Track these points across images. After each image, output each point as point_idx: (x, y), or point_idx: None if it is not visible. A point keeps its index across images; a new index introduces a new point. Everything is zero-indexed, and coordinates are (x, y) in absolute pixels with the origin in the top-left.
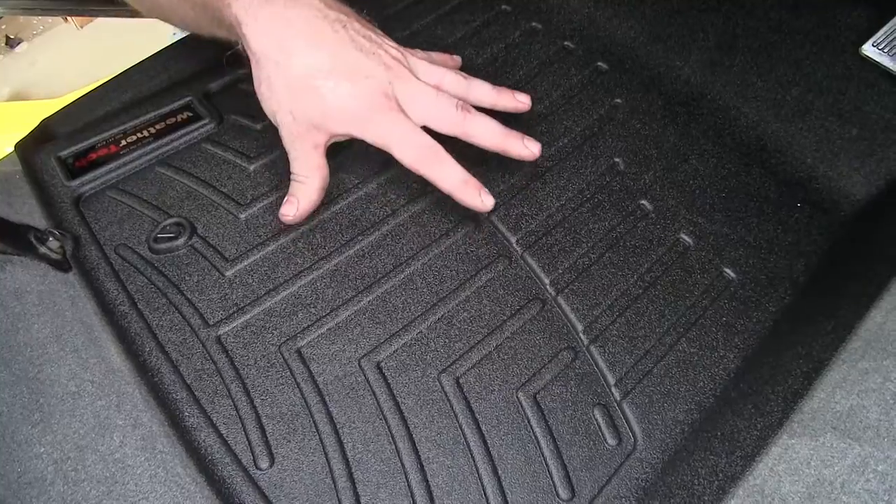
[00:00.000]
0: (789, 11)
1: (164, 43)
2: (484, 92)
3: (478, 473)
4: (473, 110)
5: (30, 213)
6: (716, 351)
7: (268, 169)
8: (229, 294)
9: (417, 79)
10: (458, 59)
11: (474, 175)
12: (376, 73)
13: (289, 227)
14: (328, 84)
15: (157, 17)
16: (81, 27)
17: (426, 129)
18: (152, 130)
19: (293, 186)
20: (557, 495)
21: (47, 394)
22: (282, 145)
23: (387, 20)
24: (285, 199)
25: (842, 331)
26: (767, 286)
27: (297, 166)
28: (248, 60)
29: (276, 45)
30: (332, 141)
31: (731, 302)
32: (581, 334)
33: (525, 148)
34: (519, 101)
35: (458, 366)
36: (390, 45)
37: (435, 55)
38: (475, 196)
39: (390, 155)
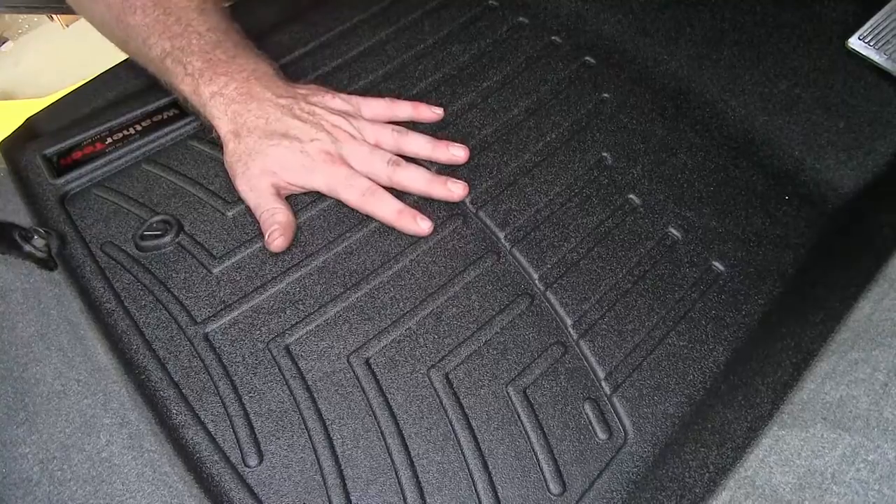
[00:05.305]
0: (776, 5)
1: None
2: (419, 145)
3: (468, 469)
4: (403, 162)
5: (15, 211)
6: (705, 344)
7: None
8: (217, 291)
9: (354, 138)
10: (404, 105)
11: (464, 170)
12: (320, 136)
13: None
14: (281, 144)
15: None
16: (67, 26)
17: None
18: (138, 128)
19: (265, 220)
20: (548, 490)
21: (32, 393)
22: None
23: (374, 17)
24: (267, 235)
25: (830, 322)
26: (756, 279)
27: (261, 204)
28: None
29: (239, 128)
30: (288, 193)
31: (720, 295)
32: (570, 329)
33: (448, 191)
34: (453, 154)
35: (447, 361)
36: (332, 115)
37: (383, 102)
38: (411, 222)
39: None
